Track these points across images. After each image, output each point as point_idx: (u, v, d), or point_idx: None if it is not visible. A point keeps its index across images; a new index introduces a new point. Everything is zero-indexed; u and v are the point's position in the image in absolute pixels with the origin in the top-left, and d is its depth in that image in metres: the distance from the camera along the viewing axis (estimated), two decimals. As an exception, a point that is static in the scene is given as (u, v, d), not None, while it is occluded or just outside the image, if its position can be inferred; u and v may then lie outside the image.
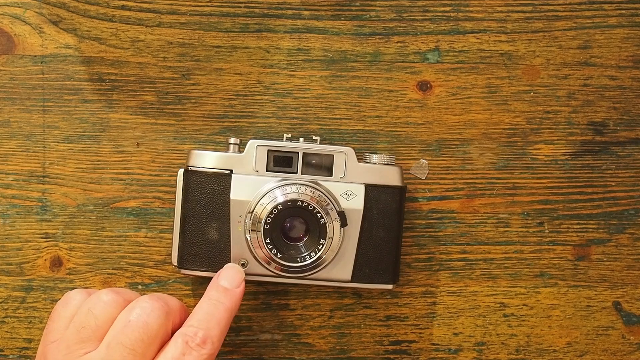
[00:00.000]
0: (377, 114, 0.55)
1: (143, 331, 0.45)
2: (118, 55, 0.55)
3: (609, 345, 0.56)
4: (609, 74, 0.56)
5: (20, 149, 0.54)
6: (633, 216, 0.56)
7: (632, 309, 0.56)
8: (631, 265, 0.56)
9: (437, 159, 0.55)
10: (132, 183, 0.55)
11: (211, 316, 0.47)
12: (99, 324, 0.46)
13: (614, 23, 0.56)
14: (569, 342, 0.56)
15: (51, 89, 0.54)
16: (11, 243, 0.54)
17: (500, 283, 0.56)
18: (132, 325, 0.45)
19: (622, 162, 0.56)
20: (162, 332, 0.46)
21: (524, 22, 0.55)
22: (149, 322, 0.45)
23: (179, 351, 0.45)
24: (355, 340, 0.55)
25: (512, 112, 0.55)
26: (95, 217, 0.54)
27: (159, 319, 0.45)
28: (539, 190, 0.56)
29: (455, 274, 0.55)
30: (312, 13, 0.55)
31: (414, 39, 0.55)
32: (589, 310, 0.56)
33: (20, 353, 0.55)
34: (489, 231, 0.56)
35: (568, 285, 0.56)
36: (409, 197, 0.55)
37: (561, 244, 0.56)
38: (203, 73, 0.55)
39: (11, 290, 0.54)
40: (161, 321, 0.45)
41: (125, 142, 0.55)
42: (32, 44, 0.54)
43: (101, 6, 0.54)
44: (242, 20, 0.55)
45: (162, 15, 0.55)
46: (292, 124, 0.55)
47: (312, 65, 0.55)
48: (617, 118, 0.56)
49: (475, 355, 0.55)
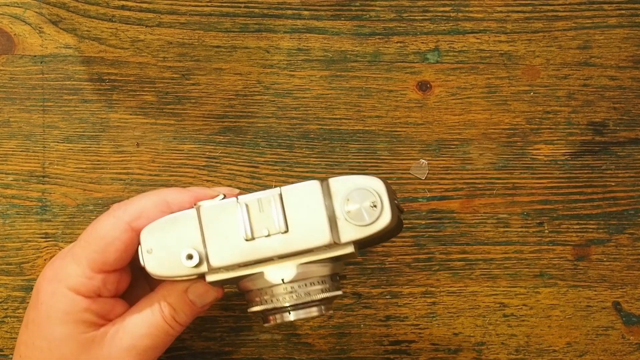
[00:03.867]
0: (377, 114, 0.55)
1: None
2: (118, 55, 0.55)
3: (608, 346, 0.56)
4: (608, 74, 0.56)
5: (20, 149, 0.54)
6: (633, 216, 0.56)
7: (632, 309, 0.56)
8: (631, 266, 0.56)
9: (437, 159, 0.55)
10: (132, 183, 0.55)
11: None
12: None
13: (614, 23, 0.56)
14: (569, 342, 0.56)
15: (51, 89, 0.54)
16: (11, 243, 0.54)
17: (500, 283, 0.56)
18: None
19: (622, 162, 0.56)
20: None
21: (523, 22, 0.55)
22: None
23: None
24: (355, 340, 0.55)
25: (512, 112, 0.56)
26: (95, 217, 0.54)
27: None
28: (539, 190, 0.56)
29: (455, 274, 0.55)
30: (312, 13, 0.55)
31: (413, 39, 0.55)
32: (588, 311, 0.56)
33: (20, 353, 0.55)
34: (489, 231, 0.56)
35: (568, 285, 0.56)
36: (409, 197, 0.55)
37: (561, 244, 0.56)
38: (203, 73, 0.55)
39: (11, 290, 0.54)
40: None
41: (125, 142, 0.55)
42: (32, 43, 0.54)
43: (101, 6, 0.54)
44: (241, 20, 0.55)
45: (162, 15, 0.55)
46: (291, 124, 0.55)
47: (312, 65, 0.55)
48: (617, 118, 0.56)
49: (475, 356, 0.55)
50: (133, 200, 0.44)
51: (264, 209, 0.42)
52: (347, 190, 0.41)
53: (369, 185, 0.41)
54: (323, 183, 0.42)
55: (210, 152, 0.55)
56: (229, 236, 0.42)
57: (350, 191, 0.41)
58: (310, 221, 0.41)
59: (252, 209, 0.42)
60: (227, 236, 0.42)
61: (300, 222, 0.41)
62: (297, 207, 0.42)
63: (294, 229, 0.41)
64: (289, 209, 0.42)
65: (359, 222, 0.41)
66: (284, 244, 0.41)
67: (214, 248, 0.42)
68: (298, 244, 0.41)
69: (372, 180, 0.42)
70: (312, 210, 0.41)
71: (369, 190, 0.41)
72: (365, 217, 0.41)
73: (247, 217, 0.42)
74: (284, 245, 0.41)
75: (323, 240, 0.41)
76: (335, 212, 0.41)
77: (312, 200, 0.41)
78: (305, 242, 0.41)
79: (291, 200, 0.42)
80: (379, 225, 0.41)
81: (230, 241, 0.42)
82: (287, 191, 0.42)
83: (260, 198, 0.42)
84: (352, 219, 0.41)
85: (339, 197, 0.41)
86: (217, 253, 0.42)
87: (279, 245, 0.41)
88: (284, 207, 0.42)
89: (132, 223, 0.43)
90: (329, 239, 0.41)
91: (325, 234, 0.41)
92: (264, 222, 0.42)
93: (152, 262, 0.43)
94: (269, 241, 0.42)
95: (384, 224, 0.41)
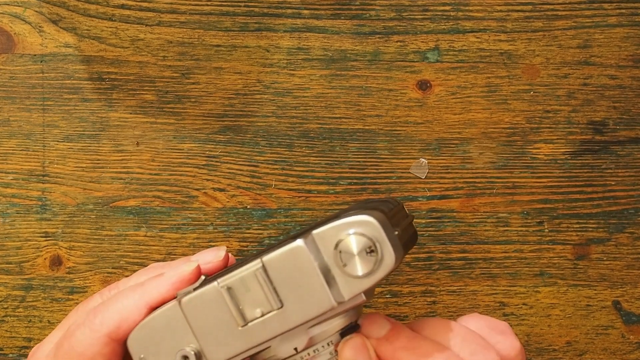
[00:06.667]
0: (377, 113, 0.55)
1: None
2: (118, 54, 0.55)
3: (608, 345, 0.56)
4: (608, 73, 0.56)
5: (20, 148, 0.54)
6: (633, 215, 0.56)
7: (632, 308, 0.56)
8: (631, 265, 0.56)
9: (437, 158, 0.55)
10: (132, 182, 0.55)
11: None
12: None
13: (614, 22, 0.56)
14: (569, 342, 0.56)
15: (51, 88, 0.54)
16: (11, 242, 0.54)
17: (500, 282, 0.56)
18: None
19: (622, 162, 0.56)
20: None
21: (523, 22, 0.55)
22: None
23: None
24: (354, 340, 0.55)
25: (512, 111, 0.56)
26: (95, 216, 0.55)
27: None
28: (539, 189, 0.56)
29: (454, 273, 0.55)
30: (312, 12, 0.55)
31: (413, 38, 0.55)
32: (588, 310, 0.56)
33: (19, 352, 0.55)
34: (489, 230, 0.56)
35: (568, 284, 0.56)
36: (409, 196, 0.55)
37: (561, 243, 0.56)
38: (203, 72, 0.55)
39: (11, 289, 0.54)
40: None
41: (125, 141, 0.55)
42: (31, 43, 0.54)
43: (101, 5, 0.54)
44: (241, 20, 0.55)
45: (161, 14, 0.55)
46: (291, 123, 0.55)
47: (311, 64, 0.55)
48: (617, 117, 0.56)
49: (474, 355, 0.55)
50: (111, 304, 0.40)
51: (249, 288, 0.37)
52: (335, 242, 0.35)
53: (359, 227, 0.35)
54: (307, 240, 0.36)
55: (210, 151, 0.55)
56: (221, 328, 0.37)
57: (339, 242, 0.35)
58: (306, 289, 0.36)
59: (236, 292, 0.37)
60: (219, 328, 0.37)
61: (295, 292, 0.36)
62: (286, 277, 0.36)
63: (290, 302, 0.36)
64: (278, 282, 0.36)
65: (359, 275, 0.35)
66: (283, 321, 0.36)
67: (208, 344, 0.38)
68: (299, 317, 0.36)
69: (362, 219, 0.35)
70: (304, 275, 0.36)
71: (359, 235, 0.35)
72: (364, 267, 0.35)
73: (233, 302, 0.37)
74: (283, 322, 0.37)
75: (325, 305, 0.36)
76: (330, 269, 0.36)
77: (302, 265, 0.36)
78: (306, 313, 0.36)
79: (278, 272, 0.36)
80: (382, 271, 0.35)
81: (224, 332, 0.37)
82: (271, 261, 0.36)
83: (243, 277, 0.37)
84: (351, 274, 0.35)
85: (328, 253, 0.36)
86: (214, 349, 0.38)
87: (278, 324, 0.37)
88: (272, 281, 0.36)
89: (112, 335, 0.39)
90: (331, 302, 0.36)
91: (325, 298, 0.36)
92: (253, 303, 0.37)
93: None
94: (265, 322, 0.37)
95: (388, 267, 0.35)
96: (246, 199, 0.55)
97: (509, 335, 0.38)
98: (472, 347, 0.37)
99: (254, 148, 0.55)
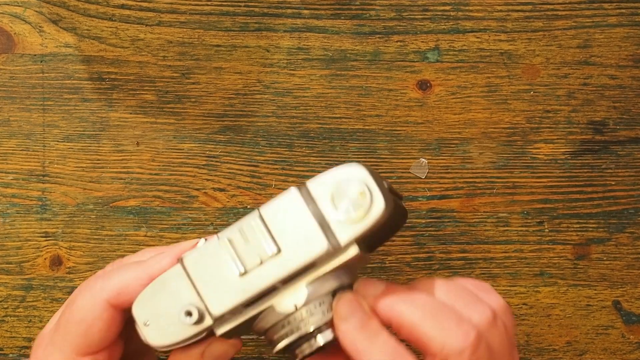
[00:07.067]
0: (377, 113, 0.55)
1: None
2: (118, 54, 0.55)
3: (608, 344, 0.56)
4: (608, 73, 0.56)
5: (20, 148, 0.54)
6: (633, 215, 0.56)
7: (632, 308, 0.56)
8: (631, 265, 0.56)
9: (437, 158, 0.55)
10: (132, 182, 0.55)
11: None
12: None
13: (614, 22, 0.56)
14: (569, 341, 0.56)
15: (51, 88, 0.54)
16: (11, 242, 0.54)
17: (500, 282, 0.56)
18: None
19: (622, 162, 0.56)
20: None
21: (523, 21, 0.55)
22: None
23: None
24: (355, 339, 0.55)
25: (512, 111, 0.56)
26: (95, 216, 0.55)
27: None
28: (539, 189, 0.56)
29: (455, 273, 0.55)
30: (312, 12, 0.55)
31: (413, 38, 0.55)
32: (588, 310, 0.56)
33: (20, 352, 0.55)
34: (489, 230, 0.56)
35: (568, 284, 0.56)
36: (409, 195, 0.55)
37: (561, 243, 0.56)
38: (203, 72, 0.55)
39: (11, 289, 0.54)
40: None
41: (125, 141, 0.55)
42: (32, 42, 0.54)
43: (101, 5, 0.54)
44: (242, 19, 0.55)
45: (161, 14, 0.55)
46: (291, 123, 0.55)
47: (312, 64, 0.55)
48: (617, 117, 0.56)
49: (475, 355, 0.55)
50: (113, 274, 0.41)
51: (248, 238, 0.38)
52: (328, 189, 0.38)
53: (349, 174, 0.38)
54: (302, 190, 0.38)
55: (210, 151, 0.55)
56: (222, 278, 0.38)
57: (332, 188, 0.38)
58: (301, 232, 0.38)
59: (236, 243, 0.39)
60: (220, 279, 0.38)
61: (291, 237, 0.38)
62: (282, 223, 0.38)
63: (287, 246, 0.38)
64: (275, 228, 0.38)
65: (352, 217, 0.37)
66: (281, 265, 0.38)
67: (210, 296, 0.39)
68: (296, 261, 0.38)
69: (351, 168, 0.38)
70: (299, 220, 0.38)
71: (350, 180, 0.38)
72: (357, 209, 0.37)
73: (234, 252, 0.39)
74: (282, 267, 0.38)
75: (320, 247, 0.38)
76: (324, 215, 0.38)
77: (296, 210, 0.38)
78: (303, 256, 0.38)
79: (274, 219, 0.38)
80: (374, 213, 0.38)
81: (225, 283, 0.38)
82: (267, 210, 0.38)
83: (241, 227, 0.39)
84: (344, 217, 0.38)
85: (322, 199, 0.38)
86: (216, 299, 0.39)
87: (277, 269, 0.38)
88: (269, 228, 0.38)
89: (112, 300, 0.40)
90: (326, 244, 0.38)
91: (320, 240, 0.38)
92: (253, 251, 0.38)
93: (153, 334, 0.39)
94: (265, 269, 0.38)
95: (379, 210, 0.37)
96: (246, 199, 0.55)
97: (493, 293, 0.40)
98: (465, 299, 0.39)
99: (254, 148, 0.55)
